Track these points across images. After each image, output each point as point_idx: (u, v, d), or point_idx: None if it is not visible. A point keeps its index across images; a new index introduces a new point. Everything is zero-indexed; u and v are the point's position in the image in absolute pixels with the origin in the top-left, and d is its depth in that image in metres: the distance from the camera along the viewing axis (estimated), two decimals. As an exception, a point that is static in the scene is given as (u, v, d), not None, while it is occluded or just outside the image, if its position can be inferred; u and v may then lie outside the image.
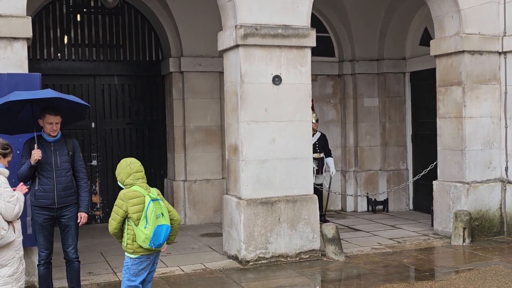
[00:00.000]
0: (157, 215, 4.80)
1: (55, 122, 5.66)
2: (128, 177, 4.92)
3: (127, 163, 4.98)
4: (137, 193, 4.84)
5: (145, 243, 4.78)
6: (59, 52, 10.57)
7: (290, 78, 7.66)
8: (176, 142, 10.70)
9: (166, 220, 4.87)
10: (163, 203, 4.94)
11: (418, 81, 11.61)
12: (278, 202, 7.58)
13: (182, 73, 10.60)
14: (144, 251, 4.88)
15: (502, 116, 8.90)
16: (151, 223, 4.76)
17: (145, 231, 4.75)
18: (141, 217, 4.78)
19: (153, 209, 4.78)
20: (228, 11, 7.68)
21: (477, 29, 8.70)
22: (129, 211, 4.79)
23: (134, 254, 4.89)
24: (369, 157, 11.84)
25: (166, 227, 4.85)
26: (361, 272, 7.15)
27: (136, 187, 4.89)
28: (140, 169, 4.99)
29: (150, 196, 4.84)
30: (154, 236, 4.76)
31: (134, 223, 4.80)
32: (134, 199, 4.81)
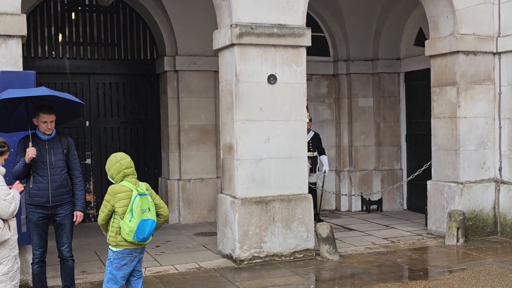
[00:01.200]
0: (143, 210, 4.86)
1: (50, 121, 5.64)
2: (118, 174, 4.98)
3: (117, 159, 5.02)
4: (124, 188, 4.91)
5: (129, 236, 4.83)
6: (53, 50, 10.54)
7: (285, 78, 7.66)
8: (171, 141, 10.69)
9: (152, 215, 4.93)
10: (150, 198, 4.99)
11: (413, 81, 11.63)
12: (273, 201, 7.58)
13: (177, 72, 10.58)
14: (127, 245, 4.91)
15: (496, 116, 8.93)
16: (136, 216, 4.81)
17: (130, 224, 4.81)
18: (127, 211, 4.83)
19: (139, 203, 4.84)
20: (224, 10, 7.68)
21: (471, 30, 8.73)
22: (116, 205, 4.87)
23: (117, 248, 4.94)
24: (364, 157, 11.86)
25: (152, 222, 4.90)
26: (355, 271, 7.16)
27: (125, 182, 4.95)
28: (130, 165, 5.04)
29: (137, 191, 4.90)
30: (138, 229, 4.82)
31: (120, 216, 4.85)
32: (121, 194, 4.88)
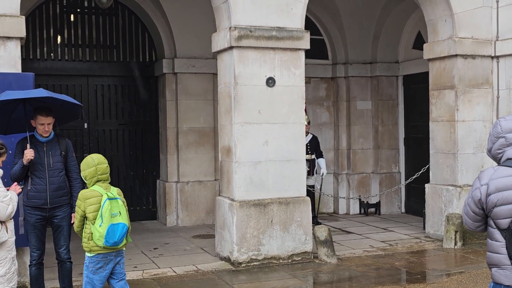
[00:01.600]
0: (114, 214, 4.86)
1: (47, 123, 5.64)
2: (92, 178, 4.97)
3: (94, 162, 4.99)
4: (95, 193, 4.90)
5: (99, 241, 4.84)
6: (52, 52, 10.54)
7: (283, 80, 7.67)
8: (169, 143, 10.69)
9: (123, 218, 4.92)
10: (121, 201, 4.99)
11: (411, 84, 11.65)
12: (271, 204, 7.58)
13: (176, 74, 10.59)
14: (101, 250, 4.91)
15: (494, 120, 8.94)
16: (105, 221, 4.82)
17: (100, 229, 4.82)
18: (98, 216, 4.84)
19: (108, 207, 4.84)
20: (223, 12, 7.69)
21: (470, 33, 8.74)
22: (86, 210, 4.87)
23: (91, 253, 4.95)
24: (362, 160, 11.86)
25: (123, 225, 4.89)
26: (353, 274, 7.16)
27: (96, 187, 4.95)
28: (106, 171, 5.03)
29: (107, 195, 4.90)
30: (108, 234, 4.82)
31: (91, 222, 4.87)
32: (91, 199, 4.88)
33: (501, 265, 3.26)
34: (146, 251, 8.53)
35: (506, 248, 3.18)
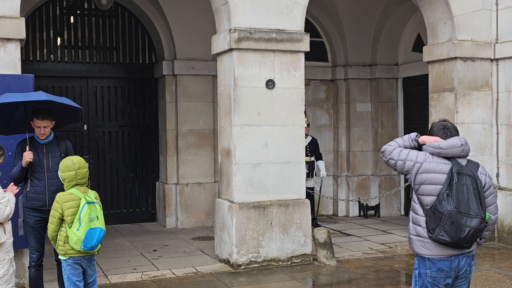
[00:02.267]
0: (91, 218, 4.88)
1: (43, 126, 5.63)
2: (71, 181, 4.98)
3: (74, 167, 4.99)
4: (73, 196, 4.91)
5: (76, 245, 4.85)
6: (52, 54, 10.55)
7: (283, 83, 7.67)
8: (169, 145, 10.69)
9: (100, 223, 4.95)
10: (99, 206, 5.01)
11: (411, 86, 11.66)
12: (270, 206, 7.58)
13: (175, 76, 10.59)
14: (75, 253, 4.94)
15: (493, 122, 8.95)
16: (84, 225, 4.83)
17: (77, 233, 4.83)
18: (75, 219, 4.85)
19: (87, 211, 4.85)
20: (222, 14, 7.69)
21: (469, 36, 8.75)
22: (65, 213, 4.87)
23: (65, 256, 4.97)
24: (361, 162, 11.87)
25: (100, 230, 4.92)
26: (353, 276, 7.16)
27: (73, 190, 4.96)
28: (85, 175, 5.05)
29: (86, 199, 4.91)
30: (86, 238, 4.84)
31: (68, 225, 4.87)
32: (69, 202, 4.89)
33: (422, 237, 3.83)
34: (145, 253, 8.52)
35: (426, 223, 3.78)
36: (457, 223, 3.69)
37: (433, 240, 3.78)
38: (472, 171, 3.85)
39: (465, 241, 3.73)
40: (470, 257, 3.92)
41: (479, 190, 3.79)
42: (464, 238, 3.71)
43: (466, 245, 3.80)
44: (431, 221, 3.78)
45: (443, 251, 3.81)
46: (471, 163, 3.95)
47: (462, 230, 3.70)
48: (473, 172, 3.85)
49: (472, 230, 3.70)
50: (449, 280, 3.87)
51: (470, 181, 3.79)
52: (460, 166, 3.84)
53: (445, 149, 3.90)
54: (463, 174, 3.81)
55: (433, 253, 3.83)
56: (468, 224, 3.70)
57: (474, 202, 3.75)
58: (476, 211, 3.73)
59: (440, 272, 3.84)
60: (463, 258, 3.87)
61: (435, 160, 3.88)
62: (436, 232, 3.75)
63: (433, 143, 3.93)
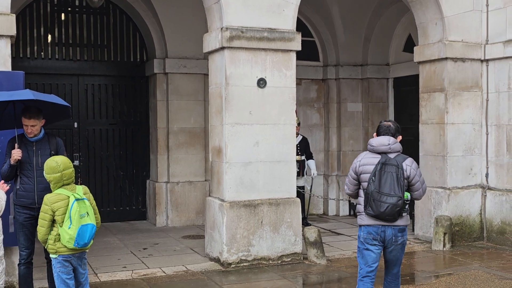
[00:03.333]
0: (82, 215, 4.88)
1: (30, 125, 5.60)
2: (57, 183, 4.97)
3: (59, 169, 4.97)
4: (61, 196, 4.91)
5: (69, 243, 4.86)
6: (42, 51, 10.50)
7: (275, 81, 7.68)
8: (159, 143, 10.67)
9: (91, 219, 4.95)
10: (88, 202, 5.01)
11: (401, 87, 11.70)
12: (261, 205, 7.59)
13: (167, 74, 10.58)
14: (67, 251, 4.94)
15: (483, 123, 9.01)
16: (75, 223, 4.83)
17: (69, 231, 4.83)
18: (65, 218, 4.85)
19: (77, 209, 4.85)
20: (214, 13, 7.69)
21: (460, 37, 8.80)
22: (56, 213, 4.87)
23: (56, 254, 4.97)
24: (352, 161, 11.84)
25: (91, 226, 4.92)
26: (343, 275, 7.18)
27: (61, 190, 4.95)
28: (71, 175, 5.04)
29: (74, 196, 4.91)
30: (79, 236, 4.85)
31: (59, 224, 4.87)
32: (58, 202, 4.89)
33: (361, 212, 5.07)
34: (135, 251, 8.50)
35: (364, 201, 5.00)
36: (377, 201, 4.86)
37: (365, 213, 4.98)
38: (397, 162, 4.92)
39: (386, 214, 4.87)
40: (396, 229, 4.99)
41: (399, 176, 4.87)
42: (384, 212, 4.86)
43: (388, 218, 4.90)
44: (364, 200, 5.00)
45: (373, 222, 4.98)
46: (399, 156, 5.01)
47: (381, 206, 4.85)
48: (398, 163, 4.92)
49: (390, 205, 4.84)
50: (375, 242, 5.00)
51: (394, 169, 4.89)
52: (388, 159, 4.96)
53: (375, 146, 5.08)
54: (388, 164, 4.91)
55: (366, 223, 5.02)
56: (386, 201, 4.84)
57: (394, 185, 4.84)
58: (395, 192, 4.83)
59: (369, 234, 5.01)
60: (388, 229, 4.97)
61: (368, 156, 5.09)
62: (366, 208, 4.95)
63: (368, 142, 5.18)
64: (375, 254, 5.04)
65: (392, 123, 5.20)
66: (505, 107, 8.75)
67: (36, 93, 5.55)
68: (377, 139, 5.09)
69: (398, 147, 5.06)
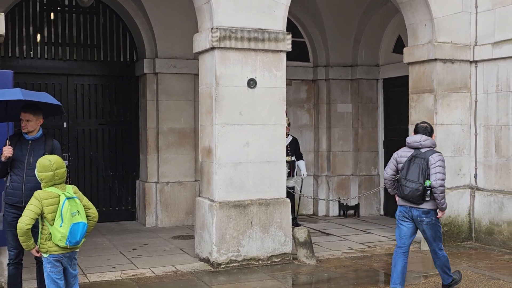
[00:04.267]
0: (73, 213, 4.89)
1: (25, 119, 5.59)
2: (48, 182, 4.96)
3: (52, 168, 4.96)
4: (51, 194, 4.90)
5: (61, 242, 4.85)
6: (31, 51, 10.44)
7: (265, 82, 7.69)
8: (149, 143, 10.65)
9: (82, 217, 4.96)
10: (79, 200, 5.01)
11: (391, 87, 11.75)
12: (251, 205, 7.59)
13: (157, 74, 10.56)
14: (58, 250, 4.93)
15: (472, 124, 9.06)
16: (66, 221, 4.83)
17: (61, 230, 4.82)
18: (56, 216, 4.84)
19: (68, 207, 4.85)
20: (205, 13, 7.69)
21: (449, 38, 8.85)
22: (44, 211, 4.85)
23: (47, 253, 4.95)
24: (342, 162, 11.93)
25: (83, 225, 4.93)
26: (332, 276, 7.20)
27: (52, 188, 4.94)
28: (63, 175, 5.04)
29: (65, 195, 4.90)
30: (71, 234, 4.85)
31: (49, 222, 4.85)
32: (48, 200, 4.87)
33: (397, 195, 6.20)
34: (124, 251, 8.48)
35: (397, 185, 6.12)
36: (403, 185, 5.96)
37: (398, 195, 6.13)
38: (425, 156, 5.95)
39: (409, 196, 5.93)
40: (420, 211, 5.97)
41: (423, 167, 5.88)
42: (407, 195, 5.93)
43: (412, 200, 5.93)
44: (397, 184, 6.10)
45: (402, 202, 6.10)
46: (430, 151, 6.00)
47: (405, 189, 5.93)
48: (426, 156, 5.94)
49: (412, 190, 5.88)
50: (405, 219, 6.08)
51: (421, 161, 5.92)
52: (418, 153, 6.01)
53: (409, 143, 6.14)
54: (417, 157, 5.97)
55: (399, 203, 6.16)
56: (409, 186, 5.90)
57: (418, 174, 5.89)
58: (418, 179, 5.88)
59: (400, 212, 6.13)
60: (414, 210, 6.00)
61: (405, 150, 6.16)
62: (398, 191, 6.08)
63: (406, 139, 6.18)
64: (406, 229, 6.09)
65: (427, 124, 6.22)
66: (493, 108, 8.81)
67: (26, 92, 5.53)
68: (412, 137, 6.14)
69: (429, 143, 6.06)
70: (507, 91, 8.63)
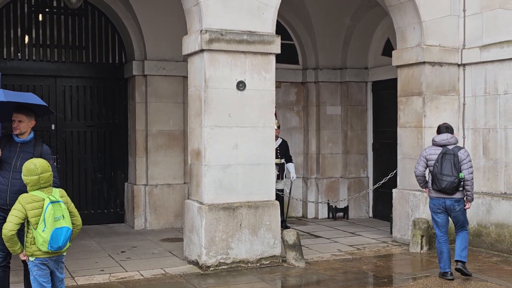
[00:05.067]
0: (57, 218, 4.83)
1: (17, 120, 5.57)
2: (34, 186, 4.92)
3: (37, 171, 4.91)
4: (36, 197, 4.85)
5: (43, 246, 4.81)
6: (19, 52, 10.38)
7: (254, 84, 7.68)
8: (138, 146, 10.61)
9: (67, 222, 4.90)
10: (64, 205, 4.96)
11: (380, 90, 11.79)
12: (240, 207, 7.58)
13: (146, 76, 10.52)
14: (43, 254, 4.89)
15: (460, 126, 9.10)
16: (49, 226, 4.79)
17: (43, 234, 4.78)
18: (40, 220, 4.80)
19: (51, 211, 4.80)
20: (194, 15, 7.67)
21: (437, 41, 8.89)
22: (28, 215, 4.81)
23: (32, 257, 4.91)
24: (331, 164, 11.95)
25: (66, 229, 4.87)
26: (321, 278, 7.20)
27: (37, 192, 4.90)
28: (49, 179, 4.99)
29: (49, 199, 4.86)
30: (52, 239, 4.80)
31: (33, 226, 4.82)
32: (32, 203, 4.83)
33: (429, 188, 7.10)
34: (113, 254, 8.44)
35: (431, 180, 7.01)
36: (440, 180, 6.81)
37: (432, 189, 6.97)
38: (454, 152, 6.86)
39: (446, 188, 6.81)
40: (453, 200, 6.89)
41: (455, 162, 6.79)
42: (444, 187, 6.80)
43: (448, 191, 6.83)
44: (431, 179, 6.95)
45: (437, 195, 6.96)
46: (456, 147, 6.93)
47: (442, 183, 6.80)
48: (455, 152, 6.85)
49: (449, 183, 6.78)
50: (439, 210, 6.98)
51: (451, 157, 6.83)
52: (447, 150, 6.89)
53: (438, 141, 7.02)
54: (447, 154, 6.86)
55: (433, 196, 7.02)
56: (446, 179, 6.79)
57: (451, 168, 6.79)
58: (452, 173, 6.79)
59: (434, 205, 7.02)
60: (447, 200, 6.91)
61: (433, 148, 7.04)
62: (433, 185, 6.93)
63: (433, 138, 7.15)
64: (442, 219, 7.00)
65: (448, 124, 7.16)
66: (481, 111, 8.86)
67: (9, 93, 5.48)
68: (439, 136, 7.01)
69: (454, 141, 6.96)
70: (494, 94, 8.69)
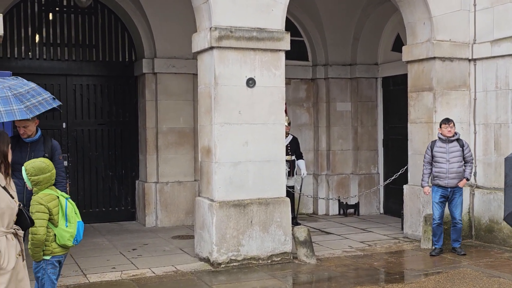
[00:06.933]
0: (75, 213, 4.98)
1: (22, 126, 5.58)
2: (46, 183, 4.93)
3: (49, 168, 4.92)
4: (52, 196, 4.89)
5: (69, 241, 4.89)
6: (30, 51, 10.43)
7: (264, 81, 7.68)
8: (148, 143, 10.64)
9: (79, 217, 5.03)
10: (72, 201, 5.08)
11: (390, 86, 11.74)
12: (251, 204, 7.58)
13: (156, 74, 10.55)
14: (61, 251, 4.94)
15: (471, 122, 9.05)
16: (72, 220, 4.89)
17: (69, 229, 4.86)
18: (59, 217, 4.85)
19: (71, 207, 4.92)
20: (203, 13, 7.68)
21: (448, 36, 8.84)
22: (53, 212, 4.84)
23: (49, 256, 4.92)
24: (341, 161, 11.92)
25: (81, 224, 5.01)
26: (332, 275, 7.19)
27: (48, 190, 4.92)
28: (55, 176, 5.05)
29: (63, 196, 4.93)
30: (78, 232, 4.92)
31: (55, 224, 4.85)
32: (52, 202, 4.87)
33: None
34: (124, 251, 8.47)
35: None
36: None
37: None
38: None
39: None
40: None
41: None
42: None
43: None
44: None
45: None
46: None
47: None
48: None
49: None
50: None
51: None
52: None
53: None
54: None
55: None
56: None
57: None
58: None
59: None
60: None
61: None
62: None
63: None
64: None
65: (451, 119, 8.05)
66: (492, 106, 8.80)
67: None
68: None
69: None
70: (506, 89, 8.63)
